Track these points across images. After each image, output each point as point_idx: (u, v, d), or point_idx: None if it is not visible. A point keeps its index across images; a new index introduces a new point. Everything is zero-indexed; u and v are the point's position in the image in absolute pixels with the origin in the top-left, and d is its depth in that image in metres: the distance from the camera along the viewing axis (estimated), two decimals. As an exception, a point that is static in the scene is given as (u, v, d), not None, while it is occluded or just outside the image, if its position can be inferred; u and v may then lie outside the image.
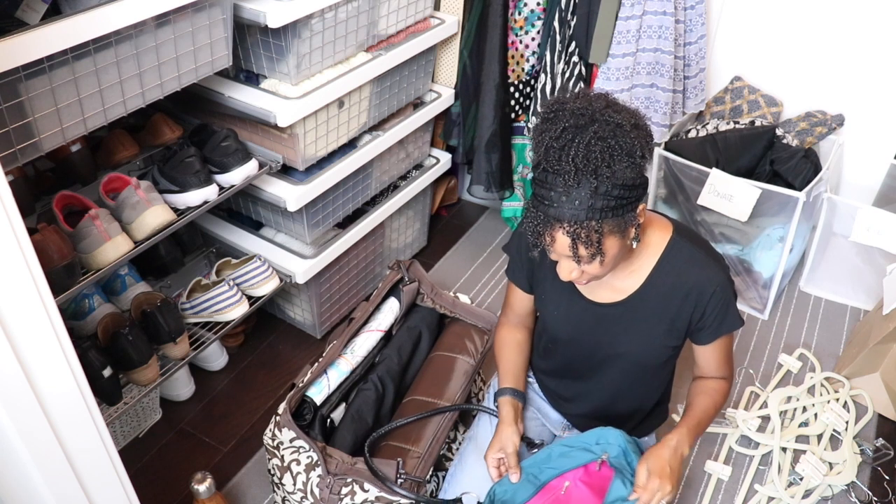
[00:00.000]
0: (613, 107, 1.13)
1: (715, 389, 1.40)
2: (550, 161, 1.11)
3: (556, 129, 1.11)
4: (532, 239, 1.18)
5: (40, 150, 1.29)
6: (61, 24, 1.20)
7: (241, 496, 1.77)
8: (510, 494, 1.35)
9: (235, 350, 2.16)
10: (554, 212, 1.12)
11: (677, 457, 1.29)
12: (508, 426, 1.39)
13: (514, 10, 2.14)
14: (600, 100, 1.14)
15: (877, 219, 2.07)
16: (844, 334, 2.22)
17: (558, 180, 1.10)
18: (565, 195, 1.10)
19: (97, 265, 1.46)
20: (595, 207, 1.10)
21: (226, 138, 1.69)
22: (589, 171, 1.08)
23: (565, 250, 1.16)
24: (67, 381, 1.02)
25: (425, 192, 2.38)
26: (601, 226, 1.12)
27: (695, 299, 1.29)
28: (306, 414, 1.58)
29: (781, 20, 2.28)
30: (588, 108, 1.11)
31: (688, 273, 1.29)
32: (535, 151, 1.15)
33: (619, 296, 1.33)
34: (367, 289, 2.32)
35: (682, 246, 1.30)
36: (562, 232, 1.13)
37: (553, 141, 1.11)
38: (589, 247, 1.13)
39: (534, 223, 1.16)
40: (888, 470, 1.83)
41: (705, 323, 1.31)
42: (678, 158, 2.19)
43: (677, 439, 1.30)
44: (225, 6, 1.51)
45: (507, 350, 1.51)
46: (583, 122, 1.10)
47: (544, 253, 1.39)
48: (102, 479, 1.14)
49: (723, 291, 1.28)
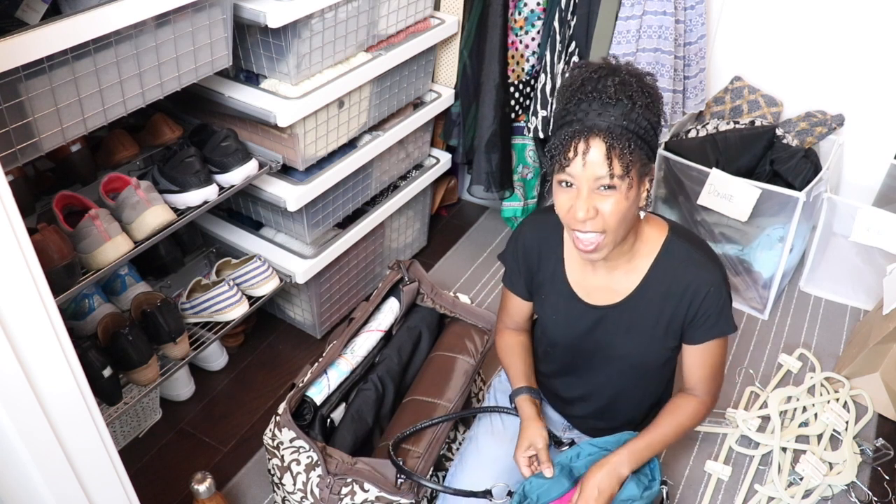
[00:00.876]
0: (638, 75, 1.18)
1: (687, 414, 1.38)
2: (585, 89, 1.14)
3: (589, 70, 1.16)
4: (560, 157, 1.16)
5: (40, 150, 1.29)
6: (61, 24, 1.20)
7: (241, 496, 1.77)
8: (545, 488, 1.35)
9: (235, 350, 2.16)
10: (591, 122, 1.13)
11: (612, 478, 1.30)
12: (534, 422, 1.39)
13: (514, 10, 2.14)
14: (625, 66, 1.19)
15: (877, 219, 2.07)
16: (844, 334, 2.22)
17: (594, 103, 1.13)
18: (601, 111, 1.13)
19: (97, 265, 1.46)
20: (629, 128, 1.13)
21: (226, 138, 1.69)
22: (625, 95, 1.13)
23: (597, 165, 1.14)
24: (67, 381, 1.02)
25: (425, 192, 2.38)
26: (633, 146, 1.14)
27: (689, 298, 1.29)
28: (306, 414, 1.58)
29: (781, 20, 2.28)
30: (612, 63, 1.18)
31: (683, 273, 1.29)
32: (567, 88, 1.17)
33: (617, 297, 1.34)
34: (367, 289, 2.32)
35: (678, 246, 1.30)
36: (599, 139, 1.13)
37: (591, 74, 1.15)
38: (622, 160, 1.13)
39: (565, 139, 1.15)
40: (888, 470, 1.83)
41: (697, 322, 1.30)
42: (678, 158, 2.19)
43: (617, 461, 1.31)
44: (225, 6, 1.51)
45: (514, 353, 1.51)
46: (613, 67, 1.17)
47: (542, 257, 1.39)
48: (102, 479, 1.14)
49: (717, 292, 1.28)
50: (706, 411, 1.40)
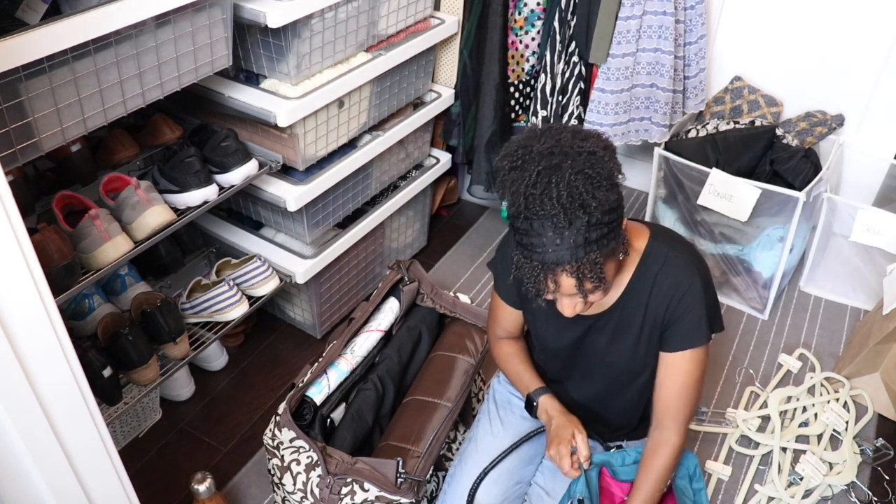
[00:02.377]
0: (579, 135, 1.10)
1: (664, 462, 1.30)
2: (533, 208, 1.06)
3: (529, 176, 1.07)
4: (533, 289, 1.14)
5: (40, 150, 1.29)
6: (61, 24, 1.20)
7: (241, 496, 1.77)
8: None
9: (235, 350, 2.16)
10: (552, 256, 1.08)
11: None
12: (564, 415, 1.38)
13: (514, 10, 2.14)
14: (564, 131, 1.11)
15: (877, 219, 2.07)
16: (844, 334, 2.22)
17: (547, 224, 1.06)
18: (559, 238, 1.07)
19: (97, 265, 1.46)
20: (591, 240, 1.08)
21: (226, 138, 1.69)
22: (577, 207, 1.05)
23: (570, 290, 1.13)
24: (67, 381, 1.02)
25: (425, 192, 2.38)
26: (599, 256, 1.10)
27: (668, 301, 1.26)
28: (306, 414, 1.58)
29: (781, 20, 2.28)
30: (557, 145, 1.08)
31: (663, 276, 1.26)
32: (513, 203, 1.09)
33: (602, 307, 1.33)
34: (367, 289, 2.32)
35: (658, 250, 1.28)
36: (565, 274, 1.10)
37: (531, 188, 1.06)
38: (593, 279, 1.11)
39: (533, 274, 1.12)
40: (888, 470, 1.83)
41: (672, 324, 1.26)
42: (678, 158, 2.19)
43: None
44: (225, 6, 1.51)
45: (518, 360, 1.49)
46: (556, 160, 1.06)
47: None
48: (102, 479, 1.14)
49: (693, 293, 1.24)
50: (678, 453, 1.32)
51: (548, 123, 1.12)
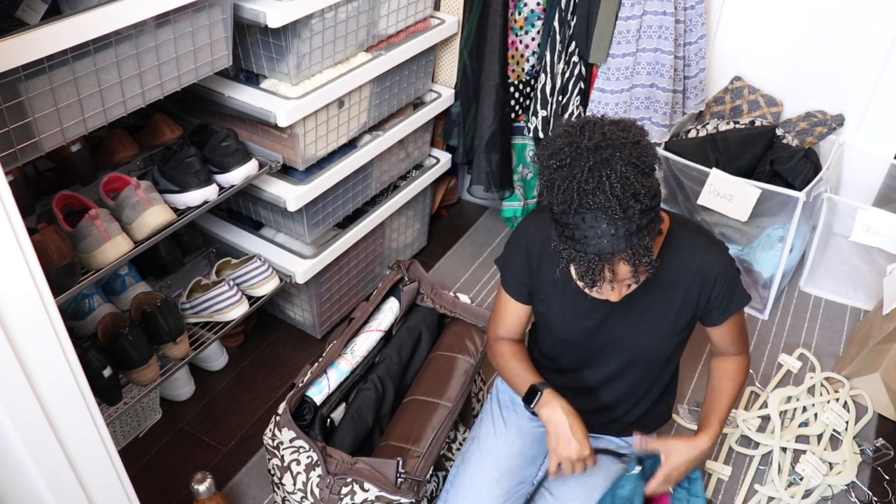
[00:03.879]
0: (620, 125, 1.13)
1: (736, 371, 1.45)
2: (587, 203, 1.08)
3: (581, 172, 1.09)
4: (589, 280, 1.16)
5: (40, 150, 1.29)
6: (61, 24, 1.20)
7: (241, 496, 1.77)
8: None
9: (235, 350, 2.16)
10: (608, 247, 1.10)
11: (699, 461, 1.38)
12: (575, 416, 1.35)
13: (514, 10, 2.14)
14: (606, 124, 1.13)
15: (877, 219, 2.07)
16: (844, 334, 2.22)
17: (600, 217, 1.09)
18: (613, 228, 1.09)
19: (97, 265, 1.46)
20: (643, 226, 1.11)
21: (226, 138, 1.69)
22: (629, 197, 1.08)
23: (626, 276, 1.16)
24: (67, 381, 1.02)
25: (425, 192, 2.38)
26: (650, 240, 1.13)
27: (699, 285, 1.31)
28: (306, 414, 1.58)
29: (781, 20, 2.28)
30: (604, 139, 1.10)
31: (690, 260, 1.31)
32: (563, 200, 1.10)
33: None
34: (367, 289, 2.32)
35: (681, 235, 1.32)
36: (622, 262, 1.13)
37: (583, 184, 1.08)
38: (646, 262, 1.14)
39: (590, 266, 1.13)
40: (888, 470, 1.83)
41: (713, 305, 1.34)
42: (678, 158, 2.19)
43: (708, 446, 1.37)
44: (225, 6, 1.51)
45: (517, 359, 1.46)
46: (605, 154, 1.08)
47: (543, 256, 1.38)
48: (102, 479, 1.14)
49: (726, 273, 1.31)
50: (748, 363, 1.48)
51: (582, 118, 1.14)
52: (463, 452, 1.53)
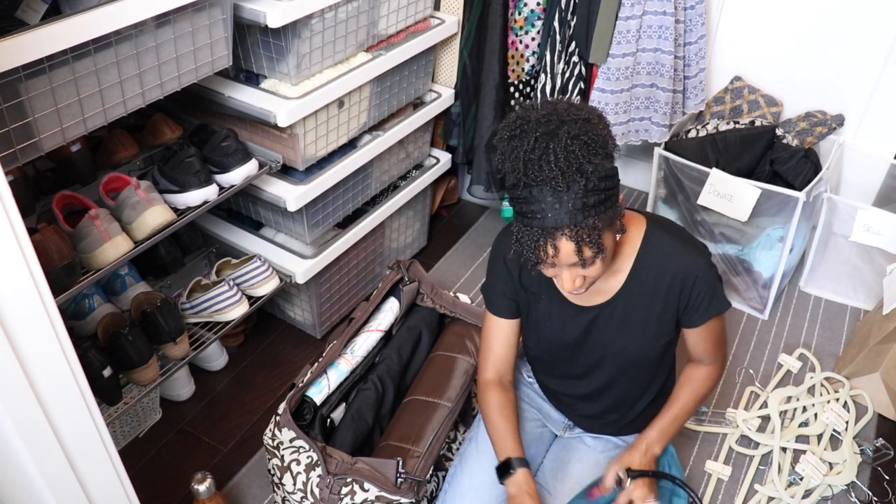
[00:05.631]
0: (574, 105, 1.14)
1: (701, 379, 1.43)
2: (532, 174, 1.10)
3: (528, 142, 1.10)
4: (532, 256, 1.16)
5: (40, 150, 1.29)
6: (61, 24, 1.20)
7: (241, 496, 1.77)
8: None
9: (235, 350, 2.16)
10: (551, 221, 1.11)
11: (648, 459, 1.36)
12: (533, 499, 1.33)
13: (514, 10, 2.14)
14: (560, 102, 1.14)
15: (877, 219, 2.07)
16: (844, 334, 2.22)
17: (545, 189, 1.10)
18: (557, 202, 1.10)
19: (97, 265, 1.46)
20: (588, 205, 1.11)
21: (226, 138, 1.69)
22: (574, 171, 1.08)
23: (570, 257, 1.15)
24: (67, 381, 1.02)
25: (425, 192, 2.38)
26: (597, 222, 1.12)
27: (678, 288, 1.30)
28: (306, 414, 1.58)
29: (781, 20, 2.28)
30: (553, 113, 1.11)
31: (668, 263, 1.30)
32: (512, 170, 1.13)
33: (606, 296, 1.35)
34: (367, 289, 2.32)
35: (658, 237, 1.32)
36: (565, 238, 1.12)
37: (529, 153, 1.10)
38: (592, 245, 1.13)
39: (531, 240, 1.14)
40: (888, 470, 1.83)
41: (692, 308, 1.33)
42: (678, 158, 2.19)
43: (649, 442, 1.37)
44: (225, 6, 1.52)
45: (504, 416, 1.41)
46: (552, 126, 1.10)
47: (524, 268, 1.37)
48: (102, 479, 1.14)
49: (705, 276, 1.30)
50: (718, 376, 1.45)
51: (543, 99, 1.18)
52: (461, 453, 1.53)
